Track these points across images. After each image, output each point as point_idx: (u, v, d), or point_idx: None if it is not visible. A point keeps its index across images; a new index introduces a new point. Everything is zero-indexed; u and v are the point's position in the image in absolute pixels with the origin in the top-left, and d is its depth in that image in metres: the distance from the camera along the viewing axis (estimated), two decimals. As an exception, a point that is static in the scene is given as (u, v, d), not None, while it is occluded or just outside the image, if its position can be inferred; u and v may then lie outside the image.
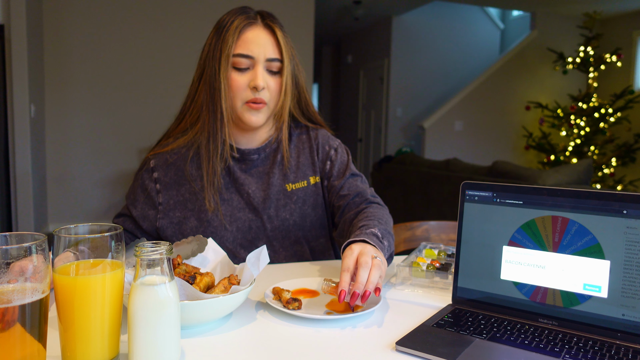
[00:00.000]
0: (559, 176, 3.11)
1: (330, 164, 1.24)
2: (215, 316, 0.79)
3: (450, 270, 1.01)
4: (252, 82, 1.10)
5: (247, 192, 1.17)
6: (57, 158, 4.80)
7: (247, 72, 1.11)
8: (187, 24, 5.06)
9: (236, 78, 1.10)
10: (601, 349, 0.72)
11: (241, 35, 1.10)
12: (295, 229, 1.20)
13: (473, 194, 0.90)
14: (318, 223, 1.24)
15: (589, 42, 6.40)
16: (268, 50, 1.10)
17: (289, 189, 1.20)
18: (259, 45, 1.10)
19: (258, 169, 1.20)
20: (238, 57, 1.09)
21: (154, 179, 1.17)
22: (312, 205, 1.22)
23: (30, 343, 0.58)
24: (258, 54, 1.10)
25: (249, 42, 1.09)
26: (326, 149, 1.25)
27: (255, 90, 1.10)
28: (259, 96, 1.10)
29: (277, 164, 1.20)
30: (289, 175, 1.21)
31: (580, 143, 6.42)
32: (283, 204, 1.19)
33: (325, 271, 1.12)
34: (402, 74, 7.37)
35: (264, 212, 1.18)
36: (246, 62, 1.10)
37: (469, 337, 0.75)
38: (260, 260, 0.85)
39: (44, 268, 0.59)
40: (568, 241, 0.80)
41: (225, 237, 1.15)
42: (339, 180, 1.22)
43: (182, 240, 0.94)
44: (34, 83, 4.26)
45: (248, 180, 1.18)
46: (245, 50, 1.09)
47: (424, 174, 4.25)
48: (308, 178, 1.22)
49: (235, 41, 1.09)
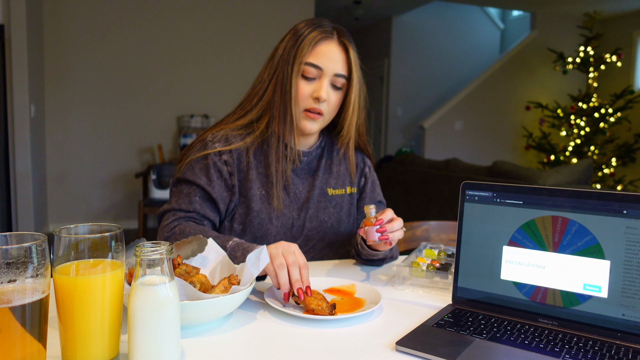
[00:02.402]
0: (559, 176, 3.11)
1: (364, 180, 1.33)
2: (215, 316, 0.79)
3: (450, 270, 1.01)
4: (315, 92, 1.14)
5: (294, 192, 1.22)
6: (57, 158, 4.80)
7: (313, 82, 1.15)
8: (188, 24, 5.06)
9: (302, 86, 1.14)
10: (601, 349, 0.72)
11: (316, 46, 1.14)
12: (331, 233, 1.26)
13: (473, 194, 0.90)
14: (349, 231, 1.29)
15: (589, 42, 6.40)
16: (337, 66, 1.14)
17: (330, 193, 1.26)
18: (330, 60, 1.14)
19: (304, 169, 1.25)
20: (308, 65, 1.13)
21: (223, 161, 1.17)
22: (346, 213, 1.29)
23: (30, 343, 0.58)
24: (327, 67, 1.14)
25: (321, 55, 1.13)
26: (361, 166, 1.34)
27: (317, 101, 1.14)
28: (318, 107, 1.15)
29: (322, 167, 1.26)
30: (331, 181, 1.27)
31: (580, 143, 6.42)
32: (323, 207, 1.25)
33: (328, 272, 1.12)
34: (402, 74, 7.37)
35: (306, 212, 1.22)
36: (314, 73, 1.14)
37: (469, 337, 0.75)
38: (261, 260, 0.85)
39: (44, 268, 0.59)
40: (568, 241, 0.80)
41: (269, 231, 1.18)
42: (369, 202, 1.31)
43: (182, 240, 0.93)
44: (34, 83, 4.26)
45: (295, 180, 1.23)
46: (316, 60, 1.13)
47: (424, 174, 4.25)
48: (346, 187, 1.29)
49: (310, 51, 1.13)
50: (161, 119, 5.11)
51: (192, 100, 5.14)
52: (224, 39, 5.14)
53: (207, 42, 5.13)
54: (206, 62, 5.13)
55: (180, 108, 5.14)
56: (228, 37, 5.13)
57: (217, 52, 5.12)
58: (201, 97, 5.13)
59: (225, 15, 5.16)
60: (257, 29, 5.28)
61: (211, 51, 5.13)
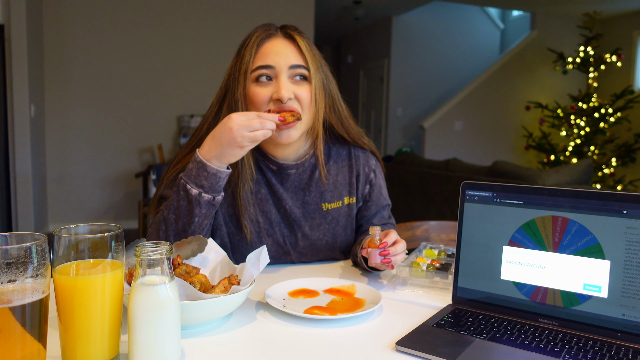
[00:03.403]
0: (559, 176, 3.11)
1: (369, 187, 1.22)
2: (215, 316, 0.79)
3: (450, 270, 1.00)
4: (275, 93, 1.02)
5: (284, 207, 1.14)
6: (57, 158, 4.80)
7: (270, 84, 1.03)
8: (188, 24, 5.07)
9: (257, 92, 1.03)
10: (601, 349, 0.72)
11: (259, 48, 1.04)
12: (326, 249, 1.19)
13: (473, 194, 0.90)
14: (346, 243, 1.22)
15: (589, 42, 6.40)
16: (290, 58, 1.04)
17: (325, 208, 1.17)
18: (279, 55, 1.03)
19: (294, 184, 1.15)
20: (257, 69, 1.03)
21: None
22: (343, 226, 1.20)
23: (30, 343, 0.58)
24: (278, 62, 1.03)
25: (267, 53, 1.03)
26: (366, 171, 1.21)
27: (279, 102, 1.01)
28: (286, 106, 1.02)
29: (315, 180, 1.16)
30: (326, 195, 1.17)
31: (580, 143, 6.42)
32: (317, 224, 1.17)
33: (328, 272, 1.12)
34: (402, 74, 7.37)
35: (298, 230, 1.16)
36: (267, 73, 1.03)
37: (469, 337, 0.75)
38: (261, 260, 0.85)
39: (44, 268, 0.59)
40: (568, 241, 0.80)
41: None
42: (374, 209, 1.22)
43: (182, 241, 0.93)
44: (34, 83, 4.26)
45: (285, 195, 1.14)
46: (263, 60, 1.03)
47: (424, 174, 4.25)
48: (343, 198, 1.19)
49: (254, 55, 1.03)
50: (161, 119, 5.11)
51: (192, 100, 5.14)
52: (224, 39, 5.14)
53: (207, 42, 5.13)
54: (206, 62, 5.13)
55: (180, 108, 5.14)
56: (228, 37, 5.13)
57: (217, 52, 5.12)
58: (201, 97, 5.13)
59: (225, 15, 5.16)
60: (257, 29, 5.27)
61: (211, 51, 5.13)
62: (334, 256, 1.22)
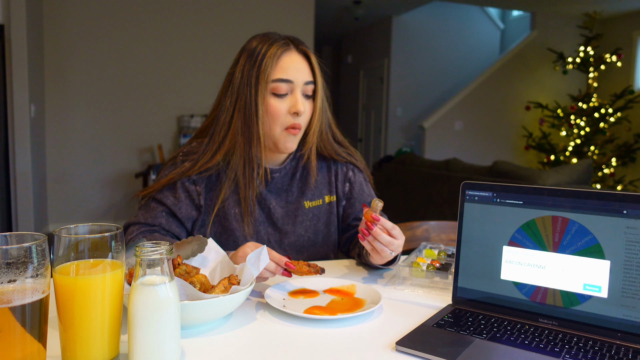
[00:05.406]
0: (559, 176, 3.11)
1: (349, 185, 1.28)
2: (215, 316, 0.79)
3: (450, 270, 1.00)
4: (292, 107, 1.11)
5: (268, 207, 1.20)
6: (57, 158, 4.80)
7: (286, 97, 1.11)
8: (188, 24, 5.06)
9: (275, 104, 1.11)
10: (601, 349, 0.72)
11: (279, 61, 1.10)
12: (309, 245, 1.24)
13: (473, 194, 0.90)
14: (328, 240, 1.27)
15: (589, 42, 6.40)
16: (304, 74, 1.12)
17: (307, 206, 1.23)
18: (297, 70, 1.11)
19: (277, 185, 1.22)
20: (277, 82, 1.10)
21: (192, 181, 1.15)
22: (325, 223, 1.26)
23: (30, 343, 0.58)
24: (296, 78, 1.11)
25: (287, 67, 1.10)
26: (344, 170, 1.28)
27: (296, 116, 1.11)
28: (297, 121, 1.12)
29: (296, 181, 1.23)
30: (307, 193, 1.23)
31: (580, 143, 6.42)
32: (300, 221, 1.22)
33: (328, 272, 1.12)
34: (402, 74, 7.37)
35: (282, 228, 1.21)
36: (285, 88, 1.10)
37: (469, 337, 0.75)
38: (261, 260, 0.85)
39: (44, 268, 0.59)
40: (568, 241, 0.80)
41: None
42: (359, 206, 1.27)
43: (182, 241, 0.94)
44: (34, 83, 4.26)
45: (269, 196, 1.20)
46: (284, 74, 1.10)
47: (424, 174, 4.25)
48: (324, 197, 1.26)
49: (275, 67, 1.10)
50: (161, 119, 5.11)
51: (192, 100, 5.14)
52: (224, 39, 5.14)
53: (208, 42, 5.13)
54: (206, 62, 5.13)
55: (180, 108, 5.14)
56: (228, 37, 5.13)
57: (217, 52, 5.12)
58: (201, 97, 5.13)
59: (225, 15, 5.16)
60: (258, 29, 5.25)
61: (211, 51, 5.13)
62: (318, 255, 1.25)
